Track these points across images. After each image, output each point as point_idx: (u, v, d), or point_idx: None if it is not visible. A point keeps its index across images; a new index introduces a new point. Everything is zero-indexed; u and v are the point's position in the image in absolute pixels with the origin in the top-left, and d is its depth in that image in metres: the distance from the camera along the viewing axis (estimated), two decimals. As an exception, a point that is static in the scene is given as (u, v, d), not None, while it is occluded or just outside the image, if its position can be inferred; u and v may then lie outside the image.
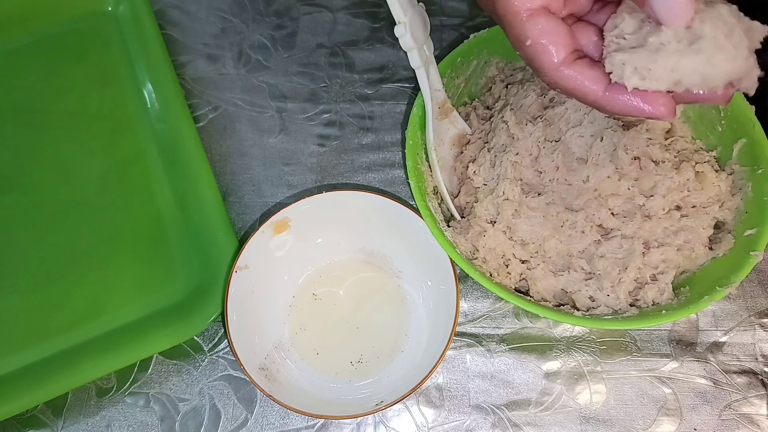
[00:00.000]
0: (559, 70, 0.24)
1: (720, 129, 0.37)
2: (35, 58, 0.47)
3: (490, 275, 0.36)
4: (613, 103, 0.24)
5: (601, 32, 0.25)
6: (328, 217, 0.39)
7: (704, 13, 0.22)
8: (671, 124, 0.37)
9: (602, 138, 0.35)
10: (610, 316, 0.33)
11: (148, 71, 0.46)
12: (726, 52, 0.22)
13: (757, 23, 0.23)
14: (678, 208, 0.35)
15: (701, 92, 0.23)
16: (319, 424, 0.36)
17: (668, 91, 0.23)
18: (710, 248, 0.35)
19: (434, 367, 0.33)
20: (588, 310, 0.34)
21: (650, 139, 0.36)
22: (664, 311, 0.32)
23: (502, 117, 0.37)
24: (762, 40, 0.23)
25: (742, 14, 0.23)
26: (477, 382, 0.37)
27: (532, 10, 0.24)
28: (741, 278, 0.32)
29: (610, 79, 0.24)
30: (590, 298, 0.35)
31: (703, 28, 0.22)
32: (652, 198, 0.35)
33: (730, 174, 0.36)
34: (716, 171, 0.36)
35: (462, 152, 0.40)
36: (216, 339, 0.39)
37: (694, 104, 0.25)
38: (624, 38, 0.24)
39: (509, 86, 0.40)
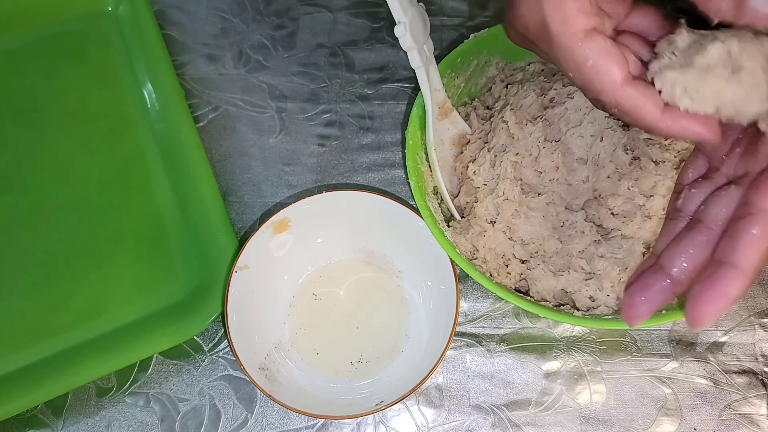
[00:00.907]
0: (621, 89, 0.24)
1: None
2: (35, 58, 0.47)
3: (490, 275, 0.36)
4: (671, 127, 0.23)
5: (640, 43, 0.25)
6: (328, 217, 0.39)
7: (747, 42, 0.21)
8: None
9: (602, 138, 0.35)
10: (610, 316, 0.33)
11: (148, 71, 0.46)
12: (761, 90, 0.21)
13: None
14: (678, 208, 0.35)
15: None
16: (319, 424, 0.36)
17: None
18: (710, 248, 0.35)
19: (434, 367, 0.33)
20: (588, 310, 0.34)
21: (650, 139, 0.36)
22: (664, 311, 0.32)
23: (502, 117, 0.37)
24: None
25: None
26: (477, 382, 0.37)
27: (586, 31, 0.24)
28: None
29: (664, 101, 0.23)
30: (590, 298, 0.34)
31: (743, 59, 0.21)
32: (652, 198, 0.34)
33: None
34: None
35: (462, 152, 0.39)
36: (216, 339, 0.39)
37: None
38: (674, 54, 0.23)
39: (509, 86, 0.40)
